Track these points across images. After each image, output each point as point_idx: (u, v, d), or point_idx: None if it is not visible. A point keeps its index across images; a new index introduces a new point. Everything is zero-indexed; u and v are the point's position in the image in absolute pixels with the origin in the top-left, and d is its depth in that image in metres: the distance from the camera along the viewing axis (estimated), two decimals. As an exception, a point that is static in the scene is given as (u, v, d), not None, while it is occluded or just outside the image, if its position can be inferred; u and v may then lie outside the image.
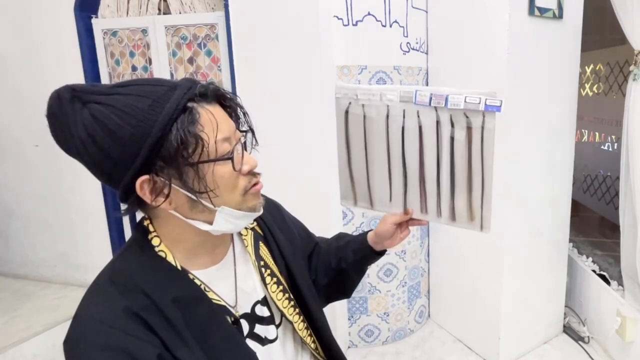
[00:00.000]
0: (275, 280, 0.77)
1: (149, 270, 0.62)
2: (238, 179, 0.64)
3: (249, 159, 0.65)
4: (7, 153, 2.73)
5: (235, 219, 0.64)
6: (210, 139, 0.59)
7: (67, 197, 2.65)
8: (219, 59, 2.26)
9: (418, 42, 2.11)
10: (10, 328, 2.23)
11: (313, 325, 0.81)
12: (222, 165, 0.61)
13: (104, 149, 0.56)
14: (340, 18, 1.92)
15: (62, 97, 0.57)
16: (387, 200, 0.86)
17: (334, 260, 0.91)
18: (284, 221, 0.88)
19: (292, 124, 1.95)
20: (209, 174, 0.60)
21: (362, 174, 0.87)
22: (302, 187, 1.95)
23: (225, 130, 0.61)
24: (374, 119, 0.82)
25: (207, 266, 0.69)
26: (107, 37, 2.40)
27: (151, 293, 0.59)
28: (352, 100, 0.83)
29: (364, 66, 1.98)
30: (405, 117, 0.79)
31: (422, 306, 2.39)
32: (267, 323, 0.74)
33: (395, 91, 0.79)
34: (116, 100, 0.57)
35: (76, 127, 0.56)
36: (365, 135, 0.84)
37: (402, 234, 0.86)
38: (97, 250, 2.64)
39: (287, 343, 0.78)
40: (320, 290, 0.90)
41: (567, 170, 2.10)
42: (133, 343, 0.55)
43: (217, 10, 2.22)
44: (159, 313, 0.59)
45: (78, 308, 0.60)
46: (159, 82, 0.60)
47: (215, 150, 0.60)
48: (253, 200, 0.66)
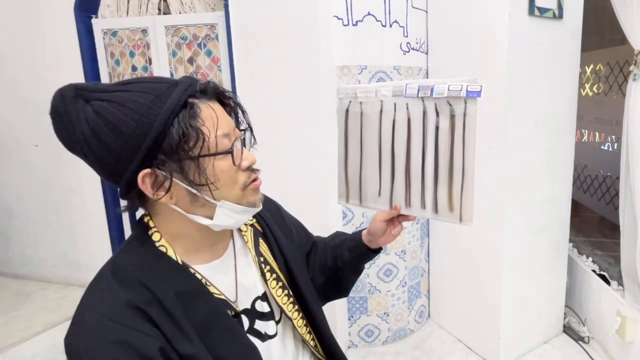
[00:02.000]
0: (275, 277, 0.77)
1: (150, 265, 0.63)
2: (238, 174, 0.65)
3: (248, 155, 0.67)
4: (7, 153, 2.74)
5: (235, 214, 0.65)
6: (211, 134, 0.61)
7: (67, 197, 2.65)
8: (219, 59, 2.26)
9: (418, 42, 2.11)
10: (10, 328, 2.23)
11: (312, 323, 0.81)
12: (222, 160, 0.62)
13: (106, 144, 0.57)
14: (340, 18, 1.92)
15: (65, 95, 0.58)
16: (376, 194, 0.88)
17: (330, 259, 0.92)
18: (282, 220, 0.89)
19: (291, 124, 1.95)
20: (210, 167, 0.61)
21: (355, 171, 0.89)
22: (301, 187, 1.95)
23: (225, 126, 0.63)
24: (369, 115, 0.85)
25: (207, 261, 0.69)
26: (107, 37, 2.40)
27: (153, 287, 0.60)
28: (352, 99, 0.86)
29: (364, 66, 1.98)
30: (395, 110, 0.81)
31: (422, 306, 2.39)
32: (267, 319, 0.74)
33: (389, 87, 0.82)
34: (118, 97, 0.58)
35: (79, 124, 0.58)
36: (361, 132, 0.87)
37: (394, 230, 0.87)
38: (97, 250, 2.64)
39: (287, 340, 0.79)
40: (318, 289, 0.90)
41: (567, 170, 2.10)
42: (135, 336, 0.56)
43: (217, 10, 2.22)
44: (161, 307, 0.59)
45: (80, 303, 0.60)
46: (160, 80, 0.61)
47: (216, 144, 0.61)
48: (252, 196, 0.67)
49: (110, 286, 0.60)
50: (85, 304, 0.60)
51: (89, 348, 0.55)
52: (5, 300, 2.56)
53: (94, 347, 0.54)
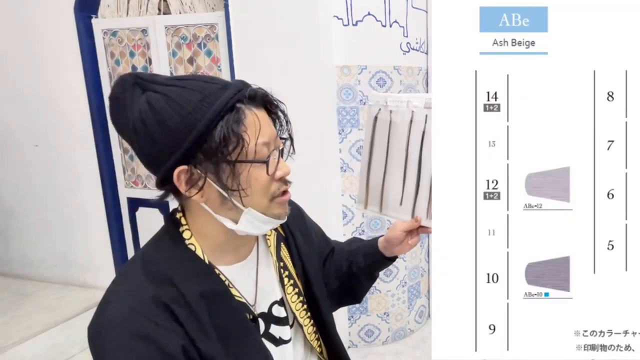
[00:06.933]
0: (292, 282, 0.77)
1: (179, 262, 0.64)
2: (270, 184, 0.65)
3: (283, 166, 0.67)
4: (7, 153, 2.73)
5: (259, 223, 0.65)
6: (252, 141, 0.61)
7: (67, 197, 2.65)
8: (219, 59, 2.26)
9: (418, 42, 2.11)
10: (10, 328, 2.23)
11: (322, 330, 0.81)
12: (258, 168, 0.63)
13: (151, 134, 0.59)
14: (340, 18, 1.92)
15: (125, 82, 0.61)
16: (397, 203, 0.87)
17: (345, 264, 0.91)
18: (304, 224, 0.88)
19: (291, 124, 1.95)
20: (245, 173, 0.62)
21: (378, 178, 0.89)
22: (301, 187, 1.94)
23: (266, 135, 0.64)
24: (398, 124, 0.84)
25: (231, 263, 0.70)
26: (107, 37, 2.40)
27: (180, 285, 0.61)
28: (382, 107, 0.87)
29: (364, 66, 1.98)
30: (426, 122, 0.80)
31: (422, 306, 2.39)
32: (282, 324, 0.75)
33: (421, 98, 0.81)
34: (171, 91, 0.60)
35: (132, 110, 0.60)
36: (388, 141, 0.86)
37: (410, 241, 0.86)
38: (97, 250, 2.64)
39: (298, 345, 0.79)
40: (331, 294, 0.90)
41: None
42: (159, 332, 0.57)
43: (217, 10, 2.22)
44: (186, 305, 0.60)
45: (107, 291, 0.62)
46: (213, 80, 0.63)
47: (255, 152, 0.62)
48: (279, 209, 0.67)
49: (139, 279, 0.61)
50: (112, 293, 0.61)
51: (112, 339, 0.56)
52: (5, 300, 2.55)
53: (118, 338, 0.56)
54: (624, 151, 0.60)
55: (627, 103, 0.60)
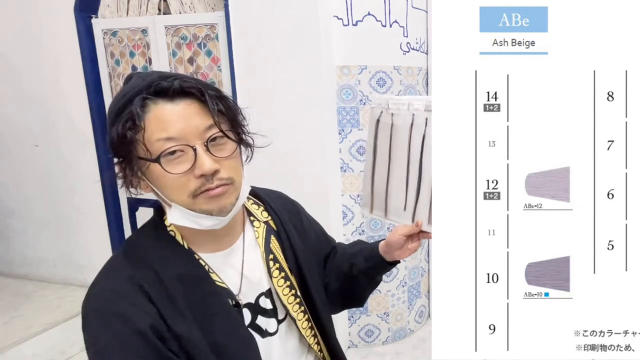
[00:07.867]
0: (283, 275, 0.77)
1: (159, 247, 0.67)
2: (187, 181, 0.61)
3: (202, 163, 0.61)
4: (7, 153, 2.74)
5: (193, 217, 0.64)
6: (153, 137, 0.60)
7: (67, 197, 2.65)
8: (219, 59, 2.25)
9: (418, 42, 2.11)
10: (10, 328, 2.23)
11: (318, 326, 0.81)
12: (157, 165, 0.61)
13: None
14: (340, 18, 1.92)
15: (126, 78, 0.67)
16: (401, 209, 0.86)
17: (346, 266, 0.90)
18: (300, 221, 0.88)
19: (291, 124, 1.95)
20: (147, 171, 0.63)
21: (382, 182, 0.88)
22: (301, 187, 1.95)
23: (171, 130, 0.60)
24: (399, 127, 0.83)
25: (213, 251, 0.71)
26: (107, 37, 2.40)
27: (157, 268, 0.64)
28: (384, 109, 0.86)
29: (364, 66, 1.98)
30: (427, 125, 0.79)
31: (422, 306, 2.39)
32: (269, 316, 0.75)
33: (422, 101, 0.80)
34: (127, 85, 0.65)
35: None
36: (390, 144, 0.85)
37: (410, 245, 0.86)
38: (97, 250, 2.64)
39: (290, 340, 0.78)
40: (333, 296, 0.90)
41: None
42: (131, 310, 0.60)
43: (217, 10, 2.22)
44: (162, 287, 0.63)
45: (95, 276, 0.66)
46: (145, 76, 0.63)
47: (147, 150, 0.61)
48: (206, 204, 0.63)
49: (119, 262, 0.66)
50: (97, 277, 0.66)
51: (94, 316, 0.61)
52: (5, 300, 2.56)
53: (98, 315, 0.61)
54: (624, 151, 0.60)
55: (627, 103, 0.60)
